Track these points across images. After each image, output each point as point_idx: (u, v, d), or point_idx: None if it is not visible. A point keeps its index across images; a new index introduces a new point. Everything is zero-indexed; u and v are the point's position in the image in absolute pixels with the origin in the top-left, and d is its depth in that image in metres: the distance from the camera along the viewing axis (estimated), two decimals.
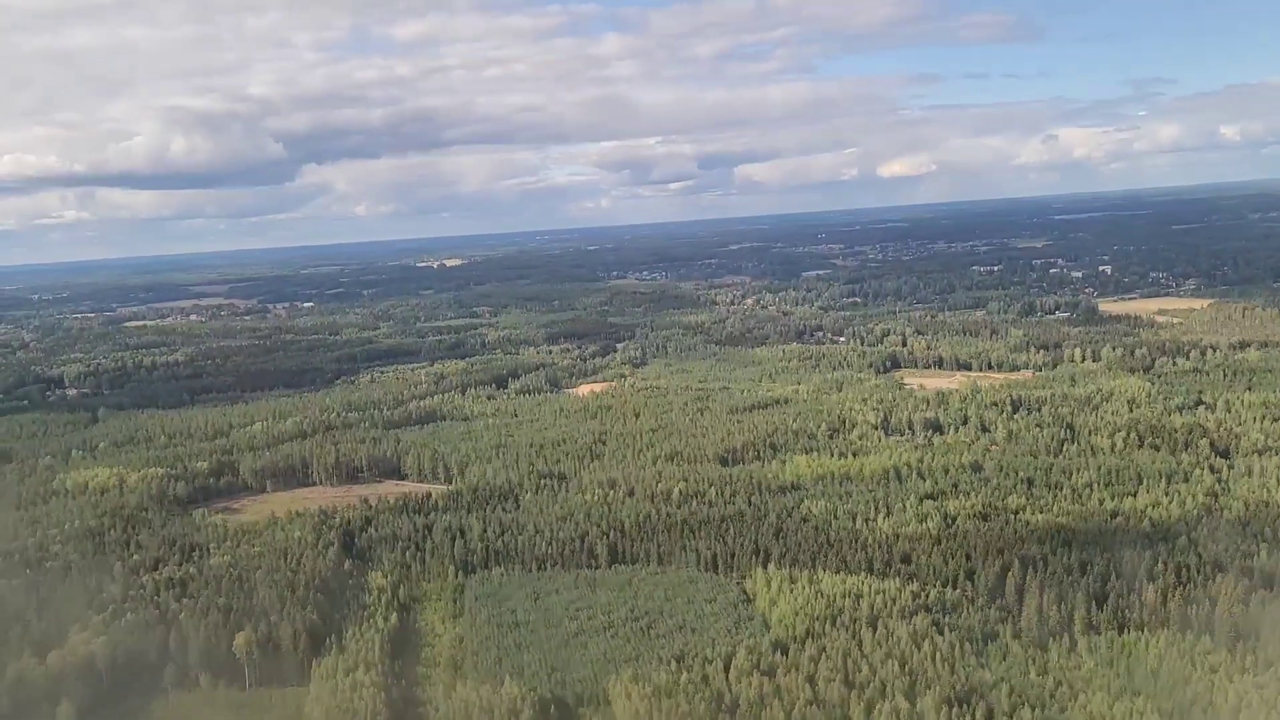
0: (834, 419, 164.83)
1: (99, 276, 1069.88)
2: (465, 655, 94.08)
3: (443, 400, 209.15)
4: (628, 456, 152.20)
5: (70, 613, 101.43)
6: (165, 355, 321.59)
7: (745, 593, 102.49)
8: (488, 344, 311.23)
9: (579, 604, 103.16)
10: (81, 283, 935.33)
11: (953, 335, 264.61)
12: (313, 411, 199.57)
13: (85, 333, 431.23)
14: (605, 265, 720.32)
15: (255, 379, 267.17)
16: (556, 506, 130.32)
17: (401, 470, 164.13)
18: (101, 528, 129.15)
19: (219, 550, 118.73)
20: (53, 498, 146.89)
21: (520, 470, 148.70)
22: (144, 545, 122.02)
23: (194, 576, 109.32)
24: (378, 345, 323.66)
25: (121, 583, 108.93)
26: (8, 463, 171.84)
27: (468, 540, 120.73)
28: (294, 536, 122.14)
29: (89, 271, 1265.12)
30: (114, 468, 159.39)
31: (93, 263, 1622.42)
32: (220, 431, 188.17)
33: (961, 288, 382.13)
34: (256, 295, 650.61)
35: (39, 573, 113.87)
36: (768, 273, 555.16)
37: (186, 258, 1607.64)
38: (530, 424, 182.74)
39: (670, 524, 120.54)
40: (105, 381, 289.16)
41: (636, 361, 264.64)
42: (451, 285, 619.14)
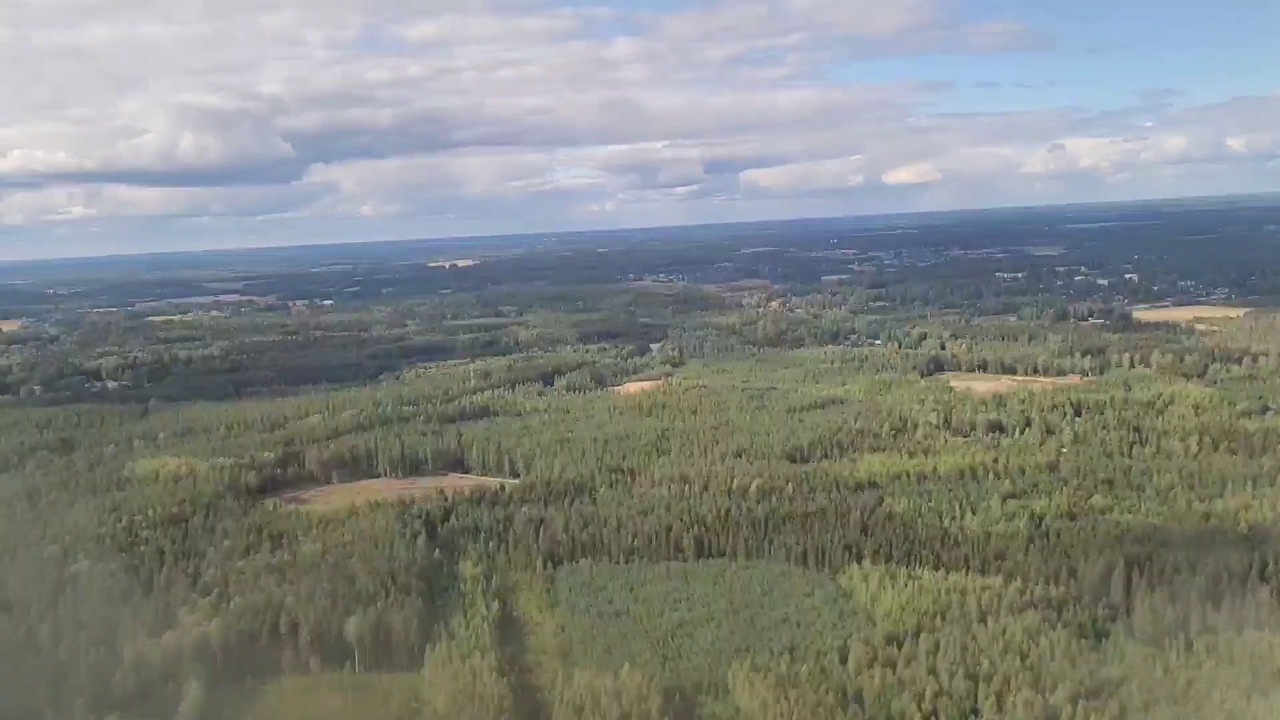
0: (895, 419, 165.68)
1: (109, 272, 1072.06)
2: (572, 644, 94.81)
3: (494, 396, 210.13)
4: (694, 453, 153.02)
5: (175, 596, 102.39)
6: (200, 349, 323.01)
7: (841, 588, 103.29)
8: (521, 343, 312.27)
9: (675, 595, 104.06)
10: (93, 278, 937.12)
11: (990, 340, 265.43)
12: (366, 405, 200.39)
13: (112, 327, 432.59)
14: (620, 267, 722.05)
15: (296, 374, 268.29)
16: (634, 500, 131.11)
17: (465, 464, 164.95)
18: (184, 514, 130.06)
19: (307, 538, 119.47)
20: (126, 485, 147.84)
21: (588, 465, 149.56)
22: (229, 532, 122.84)
23: (290, 563, 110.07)
24: (410, 342, 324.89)
25: (219, 568, 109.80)
26: (72, 451, 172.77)
27: (551, 532, 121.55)
28: (379, 526, 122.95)
29: (97, 267, 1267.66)
30: (181, 457, 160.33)
31: (99, 258, 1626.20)
32: (277, 424, 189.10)
33: (989, 293, 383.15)
34: (271, 292, 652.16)
35: (133, 556, 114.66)
36: (786, 276, 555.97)
37: (193, 255, 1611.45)
38: (586, 420, 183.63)
39: (753, 519, 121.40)
40: (144, 374, 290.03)
41: (674, 361, 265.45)
42: (470, 285, 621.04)
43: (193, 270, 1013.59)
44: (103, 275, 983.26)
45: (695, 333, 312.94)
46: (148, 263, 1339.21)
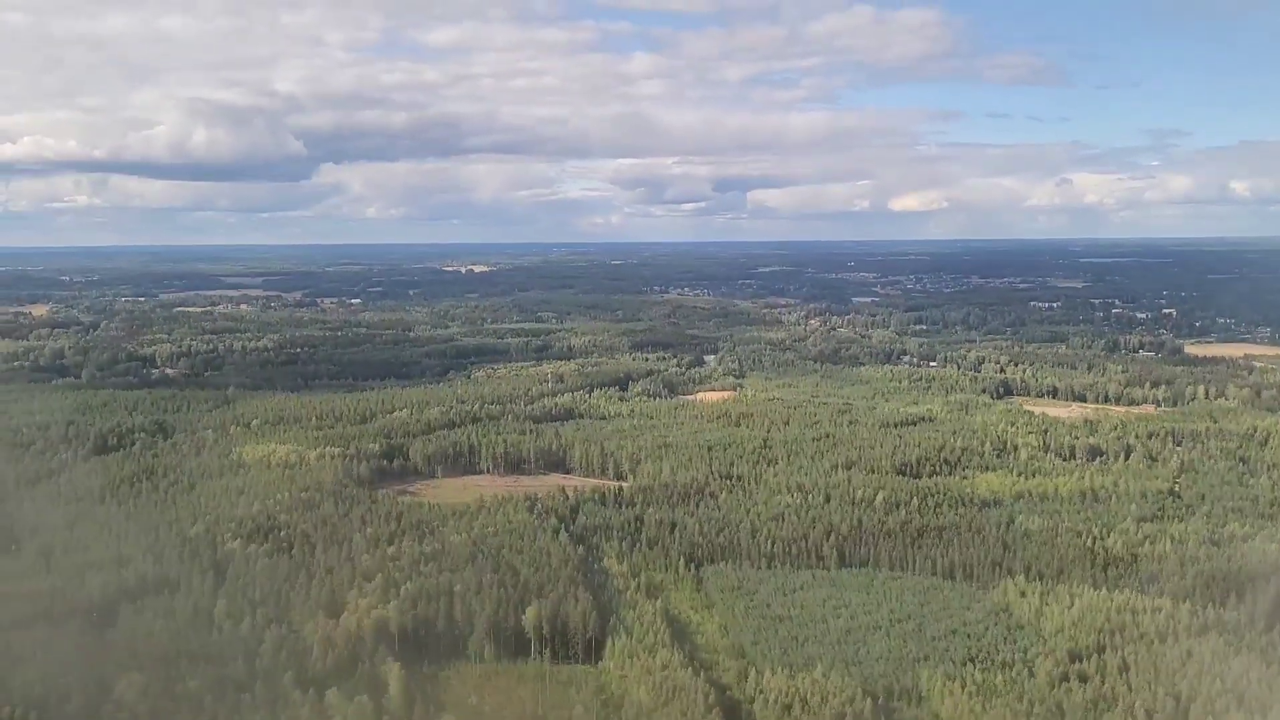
0: (994, 440, 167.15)
1: (117, 261, 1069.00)
2: (744, 645, 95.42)
3: (575, 399, 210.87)
4: (803, 463, 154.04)
5: (339, 579, 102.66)
6: (250, 341, 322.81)
7: (997, 603, 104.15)
8: (574, 349, 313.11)
9: (833, 602, 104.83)
10: (104, 267, 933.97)
11: (1049, 367, 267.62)
12: (450, 402, 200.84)
13: (152, 315, 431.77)
14: (642, 280, 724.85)
15: (358, 369, 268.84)
16: (760, 507, 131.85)
17: (567, 464, 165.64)
18: (314, 500, 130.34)
19: (448, 529, 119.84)
20: (240, 469, 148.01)
21: (699, 470, 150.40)
22: (367, 520, 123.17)
23: (443, 552, 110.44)
24: (460, 343, 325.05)
25: (371, 554, 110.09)
26: (168, 435, 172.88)
27: (686, 534, 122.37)
28: (515, 520, 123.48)
29: (103, 256, 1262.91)
30: (285, 444, 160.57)
31: (104, 248, 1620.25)
32: (366, 416, 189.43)
33: (1031, 322, 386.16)
34: (289, 289, 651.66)
35: (279, 539, 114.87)
36: (814, 296, 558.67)
37: (197, 249, 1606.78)
38: (677, 427, 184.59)
39: (887, 530, 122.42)
40: (199, 363, 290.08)
41: (735, 373, 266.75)
42: (496, 290, 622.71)
43: (200, 264, 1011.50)
44: (113, 265, 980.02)
45: (748, 346, 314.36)
46: (153, 255, 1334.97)
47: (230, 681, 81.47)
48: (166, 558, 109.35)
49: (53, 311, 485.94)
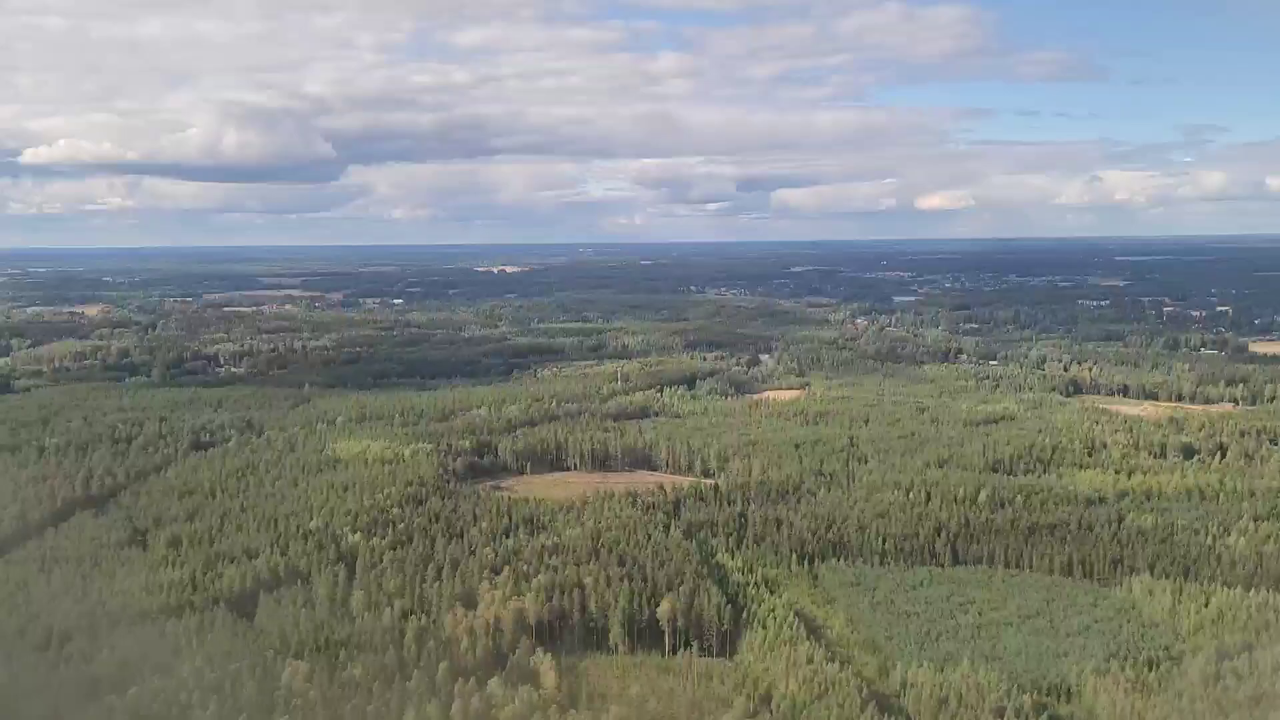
0: (1083, 438, 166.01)
1: (154, 263, 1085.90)
2: (874, 639, 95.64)
3: (647, 397, 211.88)
4: (895, 461, 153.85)
5: (469, 571, 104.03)
6: (310, 340, 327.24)
7: (1123, 600, 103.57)
8: (629, 349, 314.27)
9: (956, 598, 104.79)
10: (143, 268, 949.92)
11: (1113, 365, 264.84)
12: (525, 400, 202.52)
13: (197, 315, 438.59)
14: (676, 280, 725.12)
15: (422, 367, 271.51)
16: (863, 504, 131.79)
17: (653, 461, 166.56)
18: (420, 495, 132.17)
19: (560, 524, 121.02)
20: (339, 465, 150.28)
21: (790, 468, 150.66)
22: (478, 514, 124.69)
23: (562, 546, 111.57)
24: (515, 343, 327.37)
25: (491, 548, 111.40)
26: (258, 432, 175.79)
27: (794, 531, 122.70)
28: (623, 516, 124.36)
29: (139, 258, 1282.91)
30: (379, 441, 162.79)
31: (136, 250, 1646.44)
32: (447, 414, 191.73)
33: (1084, 320, 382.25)
34: (326, 289, 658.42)
35: (397, 533, 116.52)
36: (853, 296, 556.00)
37: (227, 249, 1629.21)
38: (756, 425, 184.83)
39: (995, 528, 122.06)
40: (262, 361, 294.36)
41: (796, 372, 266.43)
42: (534, 290, 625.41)
43: (236, 265, 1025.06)
44: (151, 266, 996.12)
45: (802, 346, 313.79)
46: (187, 255, 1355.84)
47: (387, 670, 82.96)
48: (292, 550, 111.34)
49: (105, 311, 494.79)
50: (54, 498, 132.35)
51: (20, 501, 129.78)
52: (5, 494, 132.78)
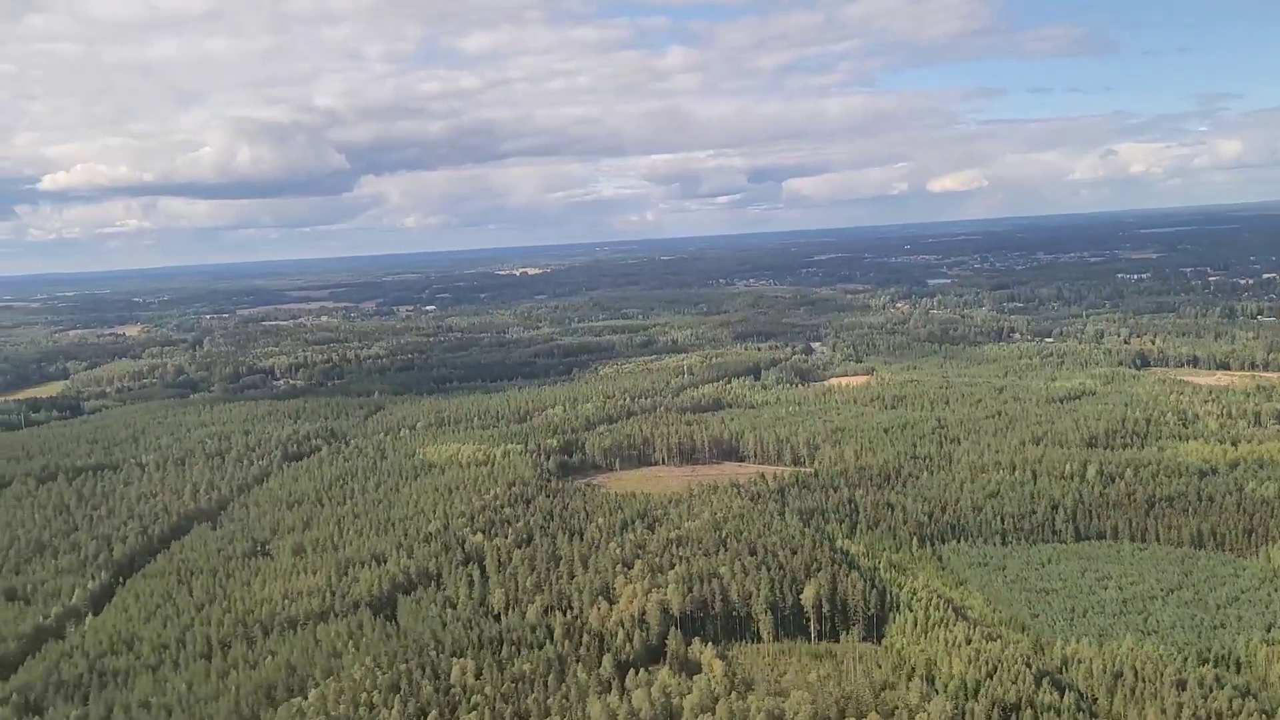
0: (1174, 410, 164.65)
1: (177, 282, 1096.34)
2: (1019, 617, 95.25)
3: (716, 390, 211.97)
4: (988, 440, 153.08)
5: (601, 564, 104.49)
6: (362, 349, 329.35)
7: (1264, 570, 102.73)
8: (679, 343, 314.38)
9: (1091, 574, 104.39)
10: (168, 287, 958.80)
11: (1174, 336, 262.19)
12: (597, 398, 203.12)
13: (239, 330, 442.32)
14: (702, 274, 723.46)
15: (480, 370, 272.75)
16: (969, 485, 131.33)
17: (740, 452, 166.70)
18: (526, 494, 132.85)
19: (676, 516, 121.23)
20: (434, 469, 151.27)
21: (883, 452, 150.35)
22: (589, 510, 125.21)
23: (686, 538, 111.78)
24: (562, 343, 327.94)
25: (616, 541, 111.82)
26: (342, 440, 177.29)
27: (908, 514, 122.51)
28: (734, 506, 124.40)
29: (159, 277, 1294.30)
30: (468, 444, 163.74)
31: (153, 270, 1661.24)
32: (522, 415, 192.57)
33: (1130, 293, 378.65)
34: (353, 299, 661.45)
35: (516, 533, 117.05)
36: (887, 280, 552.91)
37: (244, 266, 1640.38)
38: (835, 412, 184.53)
39: (1112, 503, 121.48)
40: (318, 373, 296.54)
41: (852, 358, 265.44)
42: (564, 290, 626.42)
43: (258, 280, 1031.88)
44: (175, 285, 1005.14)
45: (851, 332, 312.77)
46: (204, 273, 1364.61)
47: (550, 664, 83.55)
48: (419, 553, 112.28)
49: (145, 331, 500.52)
50: (168, 512, 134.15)
51: (138, 517, 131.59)
52: (121, 510, 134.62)
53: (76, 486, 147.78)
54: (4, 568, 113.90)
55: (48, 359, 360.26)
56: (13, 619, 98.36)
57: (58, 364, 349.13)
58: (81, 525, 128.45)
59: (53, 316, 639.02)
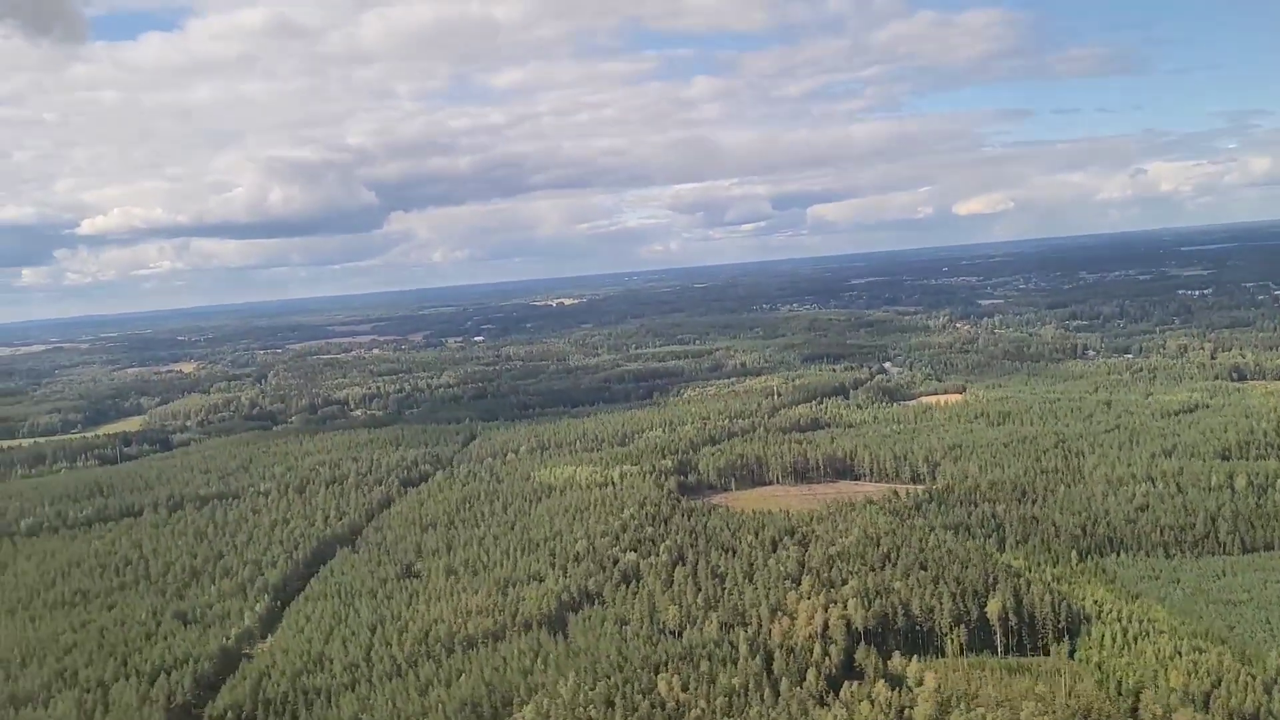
0: None
1: (214, 320, 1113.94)
2: (1213, 630, 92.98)
3: (811, 410, 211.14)
4: (1115, 454, 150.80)
5: (769, 582, 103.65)
6: (431, 379, 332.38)
7: None
8: (747, 366, 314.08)
9: (1277, 585, 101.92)
10: (208, 325, 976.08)
11: (1262, 350, 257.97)
12: (692, 421, 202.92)
13: (300, 364, 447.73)
14: (743, 300, 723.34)
15: (556, 397, 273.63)
16: (1113, 498, 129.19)
17: (855, 470, 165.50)
18: (661, 514, 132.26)
19: (820, 533, 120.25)
20: (553, 491, 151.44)
21: (1008, 468, 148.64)
22: (733, 529, 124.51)
23: (847, 553, 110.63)
24: (632, 369, 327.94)
25: (779, 559, 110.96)
26: (446, 466, 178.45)
27: (1062, 528, 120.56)
28: (878, 522, 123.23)
29: (195, 316, 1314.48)
30: (584, 467, 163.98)
31: (187, 310, 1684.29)
32: (623, 438, 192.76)
33: (1198, 309, 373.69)
34: (397, 333, 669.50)
35: (668, 550, 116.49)
36: (936, 303, 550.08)
37: (275, 304, 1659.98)
38: (940, 429, 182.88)
39: (1270, 513, 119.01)
40: (392, 403, 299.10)
41: (933, 377, 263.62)
42: (608, 319, 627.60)
43: (290, 317, 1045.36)
44: (213, 324, 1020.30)
45: (923, 352, 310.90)
46: (238, 312, 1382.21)
47: (756, 678, 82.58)
48: (575, 572, 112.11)
49: (201, 367, 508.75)
50: (307, 538, 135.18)
51: (279, 542, 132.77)
52: (260, 536, 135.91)
53: (208, 514, 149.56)
54: (168, 592, 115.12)
55: (120, 395, 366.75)
56: (197, 640, 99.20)
57: (130, 400, 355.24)
58: (227, 551, 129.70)
59: (105, 356, 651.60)
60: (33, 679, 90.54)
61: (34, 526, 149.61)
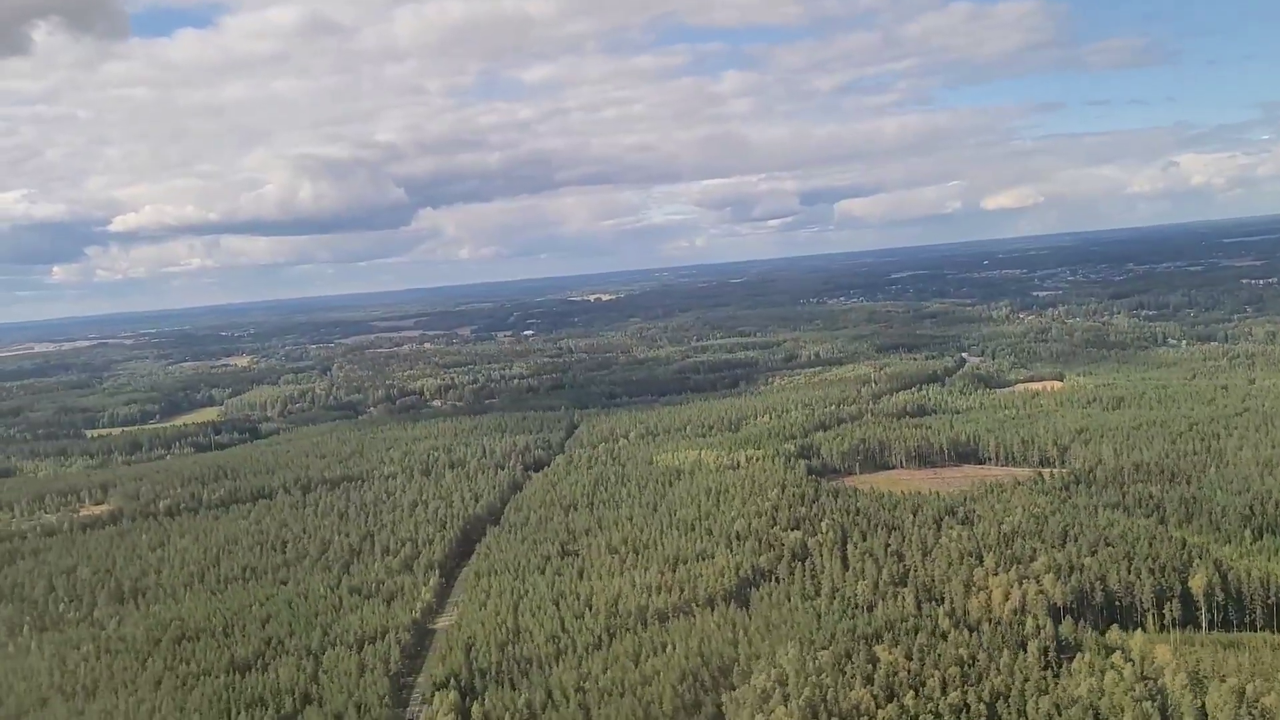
0: None
1: (250, 316, 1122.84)
2: None
3: (912, 396, 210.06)
4: (1255, 437, 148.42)
5: (950, 559, 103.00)
6: (502, 370, 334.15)
7: None
8: (821, 356, 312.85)
9: None
10: (248, 322, 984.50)
11: None
12: (796, 408, 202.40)
13: (359, 357, 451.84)
14: (787, 294, 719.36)
15: (639, 387, 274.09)
16: (1273, 479, 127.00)
17: (979, 455, 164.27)
18: (805, 496, 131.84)
19: (982, 512, 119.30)
20: (682, 475, 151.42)
21: (1146, 451, 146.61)
22: (889, 510, 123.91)
23: (1020, 531, 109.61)
24: (701, 360, 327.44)
25: (951, 538, 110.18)
26: (559, 451, 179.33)
27: (1230, 509, 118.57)
28: (1038, 502, 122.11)
29: (223, 314, 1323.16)
30: (708, 451, 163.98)
31: (215, 307, 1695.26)
32: (734, 424, 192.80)
33: (1269, 297, 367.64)
34: (442, 327, 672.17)
35: (830, 530, 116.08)
36: (989, 295, 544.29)
37: (303, 301, 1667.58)
38: (1054, 414, 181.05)
39: None
40: (468, 393, 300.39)
41: (1015, 366, 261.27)
42: (655, 314, 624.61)
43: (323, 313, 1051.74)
44: (254, 320, 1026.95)
45: (996, 342, 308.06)
46: (269, 309, 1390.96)
47: (968, 649, 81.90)
48: (738, 549, 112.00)
49: (254, 362, 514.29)
50: (452, 518, 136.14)
51: (427, 522, 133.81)
52: (404, 516, 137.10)
53: (343, 496, 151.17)
54: (333, 569, 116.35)
55: (190, 387, 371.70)
56: (384, 613, 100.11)
57: (202, 392, 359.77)
58: (376, 530, 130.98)
59: (156, 351, 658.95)
60: (243, 647, 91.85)
61: (172, 507, 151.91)
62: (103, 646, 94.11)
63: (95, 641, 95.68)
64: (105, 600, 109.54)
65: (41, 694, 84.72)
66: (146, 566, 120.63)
